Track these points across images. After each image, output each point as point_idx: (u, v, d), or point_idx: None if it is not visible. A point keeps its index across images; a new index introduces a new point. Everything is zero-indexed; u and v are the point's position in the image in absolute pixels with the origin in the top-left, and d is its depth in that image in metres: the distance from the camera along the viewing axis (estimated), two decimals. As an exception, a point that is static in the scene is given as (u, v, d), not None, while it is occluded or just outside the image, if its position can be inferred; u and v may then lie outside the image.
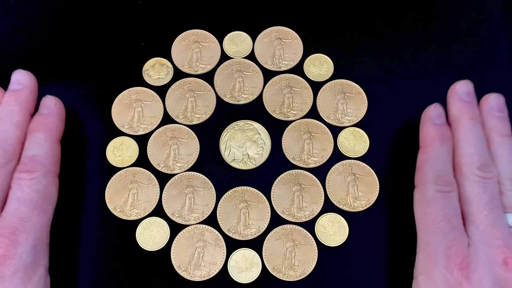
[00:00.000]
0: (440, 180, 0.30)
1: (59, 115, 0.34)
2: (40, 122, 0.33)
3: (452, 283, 0.28)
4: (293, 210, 0.34)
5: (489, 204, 0.30)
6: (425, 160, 0.32)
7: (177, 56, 0.39)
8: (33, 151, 0.32)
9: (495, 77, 0.38)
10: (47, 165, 0.31)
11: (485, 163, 0.31)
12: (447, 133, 0.32)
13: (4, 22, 0.40)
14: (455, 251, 0.28)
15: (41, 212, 0.30)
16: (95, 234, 0.34)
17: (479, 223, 0.29)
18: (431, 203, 0.30)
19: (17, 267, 0.28)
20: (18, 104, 0.33)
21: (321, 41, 0.39)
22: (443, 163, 0.31)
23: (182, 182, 0.35)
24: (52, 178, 0.32)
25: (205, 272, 0.33)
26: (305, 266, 0.33)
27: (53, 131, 0.33)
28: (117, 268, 0.33)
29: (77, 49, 0.39)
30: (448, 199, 0.30)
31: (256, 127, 0.37)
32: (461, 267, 0.28)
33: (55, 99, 0.34)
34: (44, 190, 0.31)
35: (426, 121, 0.33)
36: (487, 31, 0.39)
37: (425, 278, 0.29)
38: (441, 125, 0.33)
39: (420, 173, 0.32)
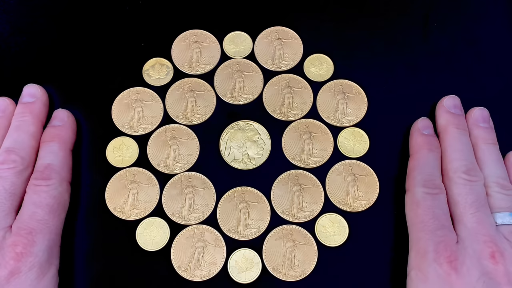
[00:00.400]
0: (429, 184, 0.32)
1: (72, 127, 0.36)
2: (54, 133, 0.35)
3: (442, 275, 0.29)
4: (293, 210, 0.34)
5: (475, 203, 0.31)
6: (414, 166, 0.34)
7: (177, 56, 0.39)
8: (48, 160, 0.33)
9: (495, 77, 0.38)
10: (62, 173, 0.33)
11: (471, 167, 0.33)
12: (434, 142, 0.34)
13: (4, 22, 0.40)
14: (444, 245, 0.30)
15: (56, 216, 0.32)
16: (95, 234, 0.34)
17: (466, 221, 0.31)
18: (420, 204, 0.32)
19: (33, 264, 0.30)
20: (32, 116, 0.35)
21: (321, 41, 0.39)
22: (431, 168, 0.33)
23: (182, 182, 0.35)
24: (66, 185, 0.34)
25: (205, 272, 0.33)
26: (305, 266, 0.33)
27: (67, 142, 0.35)
28: (117, 268, 0.33)
29: (77, 49, 0.39)
30: (436, 200, 0.32)
31: (256, 127, 0.37)
32: (450, 260, 0.30)
33: (68, 112, 0.36)
34: (59, 196, 0.33)
35: (415, 132, 0.35)
36: (487, 31, 0.39)
37: (416, 272, 0.31)
38: (429, 135, 0.35)
39: (410, 178, 0.34)
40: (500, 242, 0.30)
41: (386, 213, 0.34)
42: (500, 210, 0.32)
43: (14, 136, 0.34)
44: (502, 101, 0.37)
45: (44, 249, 0.31)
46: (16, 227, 0.31)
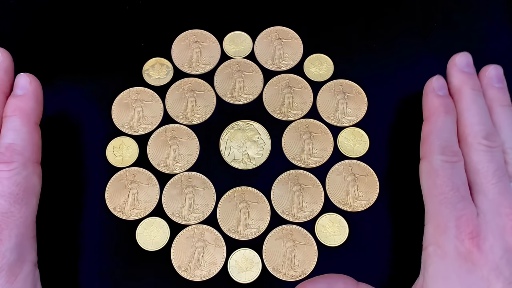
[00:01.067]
0: (447, 151, 0.30)
1: (35, 96, 0.31)
2: (15, 105, 0.30)
3: (463, 253, 0.28)
4: (293, 210, 0.34)
5: (497, 173, 0.29)
6: (431, 130, 0.31)
7: (177, 56, 0.39)
8: (9, 138, 0.29)
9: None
10: (25, 154, 0.29)
11: (491, 132, 0.31)
12: (450, 104, 0.32)
13: (4, 22, 0.40)
14: (465, 220, 0.28)
15: (23, 205, 0.28)
16: (95, 234, 0.34)
17: (487, 192, 0.29)
18: (439, 173, 0.30)
19: (1, 267, 0.26)
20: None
21: (321, 41, 0.39)
22: (448, 133, 0.31)
23: (182, 182, 0.35)
24: (33, 167, 0.30)
25: (205, 272, 0.33)
26: (305, 266, 0.33)
27: (30, 115, 0.30)
28: (117, 268, 0.33)
29: (77, 49, 0.39)
30: (455, 169, 0.30)
31: (256, 127, 0.37)
32: (472, 236, 0.28)
33: (30, 77, 0.31)
34: (25, 182, 0.29)
35: (429, 92, 0.33)
36: (487, 31, 0.39)
37: (435, 248, 0.28)
38: (444, 96, 0.32)
39: (426, 144, 0.31)
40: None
41: (386, 213, 0.34)
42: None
43: None
44: (502, 101, 0.37)
45: (12, 247, 0.27)
46: None
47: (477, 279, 0.27)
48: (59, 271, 0.32)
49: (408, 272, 0.32)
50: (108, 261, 0.33)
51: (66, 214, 0.34)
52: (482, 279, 0.27)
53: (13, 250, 0.27)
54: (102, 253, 0.33)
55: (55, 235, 0.33)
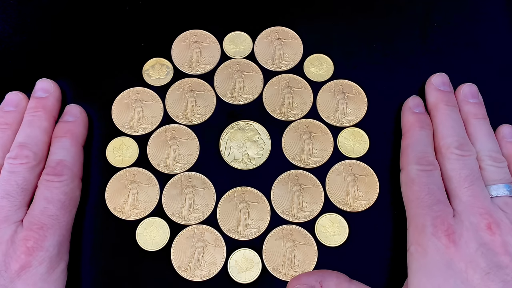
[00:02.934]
0: (422, 161, 0.33)
1: (84, 123, 0.36)
2: (66, 128, 0.35)
3: (441, 248, 0.30)
4: (293, 210, 0.34)
5: (469, 177, 0.32)
6: (407, 144, 0.34)
7: (177, 56, 0.39)
8: (60, 155, 0.33)
9: (495, 77, 0.38)
10: (74, 169, 0.33)
11: (463, 142, 0.33)
12: (425, 120, 0.35)
13: (4, 22, 0.40)
14: (441, 219, 0.31)
15: (67, 212, 0.32)
16: (95, 234, 0.34)
17: (461, 195, 0.32)
18: (415, 181, 0.32)
19: (44, 258, 0.30)
20: (45, 111, 0.35)
21: (321, 41, 0.39)
22: (423, 145, 0.34)
23: (182, 182, 0.35)
24: (78, 182, 0.34)
25: (205, 272, 0.33)
26: (305, 266, 0.33)
27: (79, 138, 0.35)
28: (117, 268, 0.33)
29: (77, 49, 0.39)
30: (431, 177, 0.32)
31: (256, 127, 0.37)
32: (448, 233, 0.30)
33: (80, 108, 0.36)
34: (70, 193, 0.33)
35: (406, 110, 0.36)
36: (487, 31, 0.39)
37: (416, 247, 0.31)
38: (420, 113, 0.35)
39: (404, 156, 0.34)
40: (495, 213, 0.31)
41: (386, 213, 0.34)
42: (494, 183, 0.32)
43: (27, 131, 0.34)
44: (502, 101, 0.37)
45: (55, 244, 0.31)
46: (27, 222, 0.31)
47: (456, 272, 0.29)
48: (59, 271, 0.33)
49: (408, 272, 0.32)
50: (108, 261, 0.33)
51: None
52: (461, 271, 0.29)
53: (55, 246, 0.31)
54: (102, 253, 0.33)
55: (55, 235, 0.33)
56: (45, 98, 0.36)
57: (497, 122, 0.36)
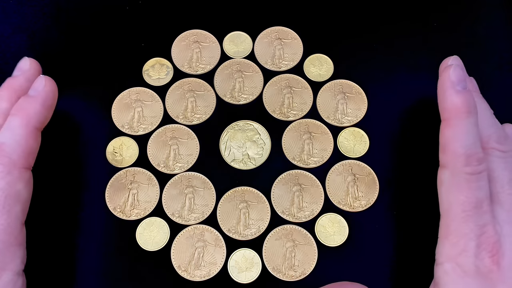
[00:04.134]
0: (473, 160, 0.28)
1: (44, 100, 0.30)
2: (20, 105, 0.29)
3: (483, 271, 0.27)
4: (293, 210, 0.34)
5: (511, 181, 0.28)
6: (453, 136, 0.28)
7: (177, 56, 0.39)
8: (2, 137, 0.28)
9: (495, 77, 0.38)
10: (13, 157, 0.28)
11: (502, 135, 0.29)
12: (472, 101, 0.29)
13: (4, 22, 0.40)
14: (486, 237, 0.27)
15: (4, 212, 0.27)
16: (95, 234, 0.34)
17: (503, 202, 0.28)
18: (463, 188, 0.28)
19: None
20: (8, 91, 0.30)
21: (321, 41, 0.39)
22: (473, 138, 0.28)
23: (182, 182, 0.35)
24: (19, 173, 0.28)
25: (205, 272, 0.33)
26: (305, 266, 0.33)
27: (32, 118, 0.29)
28: (117, 268, 0.33)
29: (77, 49, 0.39)
30: (480, 181, 0.28)
31: (256, 127, 0.37)
32: (492, 254, 0.27)
33: (46, 80, 0.31)
34: (7, 188, 0.27)
35: (448, 88, 0.29)
36: (486, 31, 0.39)
37: (454, 266, 0.27)
38: (465, 91, 0.29)
39: (448, 151, 0.28)
40: None
41: (386, 213, 0.34)
42: None
43: None
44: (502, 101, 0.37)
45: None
46: None
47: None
48: (59, 271, 0.32)
49: (408, 272, 0.32)
50: (108, 261, 0.33)
51: (66, 214, 0.34)
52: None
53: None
54: (102, 253, 0.33)
55: (55, 235, 0.33)
56: (14, 78, 0.31)
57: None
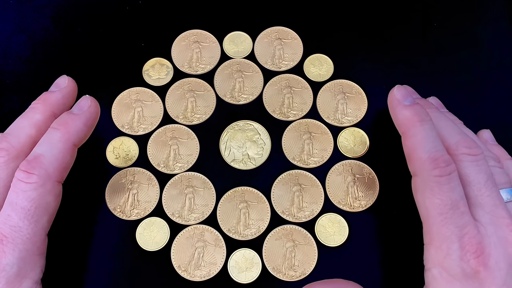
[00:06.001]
0: (439, 162, 0.28)
1: (87, 119, 0.31)
2: (63, 120, 0.30)
3: (469, 273, 0.27)
4: (293, 210, 0.34)
5: (488, 183, 0.29)
6: (413, 145, 0.29)
7: (177, 56, 0.39)
8: (40, 149, 0.29)
9: (495, 77, 0.38)
10: (49, 169, 0.29)
11: (469, 140, 0.30)
12: (422, 111, 0.30)
13: (4, 22, 0.40)
14: (468, 238, 0.27)
15: (32, 222, 0.28)
16: (95, 234, 0.34)
17: (484, 204, 0.28)
18: (435, 191, 0.28)
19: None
20: (43, 104, 0.31)
21: (321, 41, 0.39)
22: (433, 142, 0.29)
23: (182, 182, 0.35)
24: (52, 186, 0.29)
25: (205, 272, 0.33)
26: (305, 266, 0.33)
27: (73, 135, 0.30)
28: (117, 268, 0.33)
29: (77, 49, 0.39)
30: (452, 182, 0.28)
31: (256, 127, 0.37)
32: (477, 255, 0.27)
33: (92, 102, 0.31)
34: (39, 199, 0.28)
35: (396, 105, 0.31)
36: (487, 31, 0.39)
37: (441, 271, 0.28)
38: (413, 104, 0.31)
39: (413, 160, 0.29)
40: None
41: (386, 213, 0.34)
42: (503, 186, 0.29)
43: (17, 122, 0.31)
44: (502, 101, 0.37)
45: (14, 262, 0.27)
46: None
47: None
48: (59, 271, 0.32)
49: (408, 272, 0.32)
50: (108, 261, 0.33)
51: (66, 214, 0.34)
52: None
53: (14, 264, 0.27)
54: (102, 253, 0.33)
55: (54, 235, 0.33)
56: (51, 92, 0.32)
57: (497, 122, 0.36)
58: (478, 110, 0.37)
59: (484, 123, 0.36)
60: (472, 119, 0.35)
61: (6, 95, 0.37)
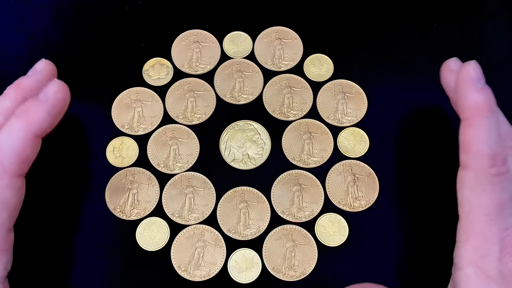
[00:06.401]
0: (498, 160, 0.26)
1: (52, 107, 0.28)
2: (25, 108, 0.28)
3: (507, 276, 0.26)
4: (293, 210, 0.34)
5: None
6: (476, 135, 0.27)
7: (177, 56, 0.39)
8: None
9: (495, 77, 0.38)
10: (5, 163, 0.26)
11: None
12: (493, 98, 0.28)
13: (4, 22, 0.40)
14: (509, 241, 0.26)
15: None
16: (95, 234, 0.34)
17: None
18: (487, 190, 0.26)
19: None
20: (15, 90, 0.29)
21: (321, 41, 0.39)
22: (496, 138, 0.27)
23: (182, 182, 0.35)
24: (9, 181, 0.27)
25: (205, 272, 0.33)
26: (305, 266, 0.33)
27: (35, 124, 0.27)
28: (117, 268, 0.33)
29: (77, 49, 0.39)
30: (504, 182, 0.26)
31: (256, 127, 0.37)
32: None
33: (59, 86, 0.29)
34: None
35: (470, 86, 0.27)
36: (487, 31, 0.39)
37: (476, 271, 0.26)
38: (486, 88, 0.27)
39: (472, 152, 0.27)
40: None
41: (386, 213, 0.34)
42: None
43: None
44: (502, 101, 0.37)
45: None
46: None
47: None
48: (59, 271, 0.32)
49: (408, 272, 0.32)
50: (108, 261, 0.33)
51: (66, 214, 0.34)
52: None
53: None
54: (102, 253, 0.33)
55: (54, 235, 0.33)
56: (25, 77, 0.30)
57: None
58: (478, 110, 0.37)
59: (484, 123, 0.36)
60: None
61: (6, 95, 0.37)
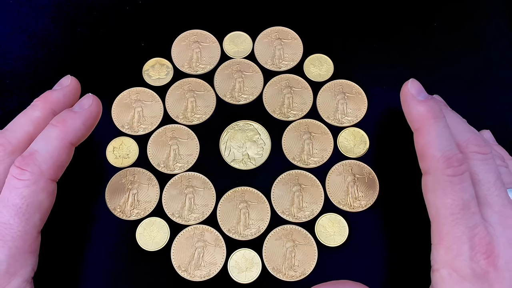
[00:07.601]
0: (452, 161, 0.28)
1: (87, 118, 0.31)
2: (61, 117, 0.30)
3: (479, 274, 0.27)
4: (293, 210, 0.34)
5: (497, 182, 0.29)
6: (427, 142, 0.29)
7: (177, 56, 0.39)
8: (37, 146, 0.29)
9: (495, 77, 0.38)
10: (43, 167, 0.28)
11: (480, 139, 0.30)
12: (436, 106, 0.30)
13: (4, 22, 0.40)
14: (479, 239, 0.27)
15: (24, 220, 0.28)
16: (95, 234, 0.34)
17: (493, 204, 0.28)
18: (448, 191, 0.28)
19: None
20: (43, 102, 0.31)
21: (321, 41, 0.39)
22: (447, 141, 0.28)
23: (182, 182, 0.35)
24: (45, 184, 0.29)
25: (205, 272, 0.33)
26: (305, 266, 0.33)
27: (70, 133, 0.30)
28: (117, 268, 0.33)
29: (77, 49, 0.39)
30: (464, 182, 0.28)
31: (256, 127, 0.37)
32: (487, 256, 0.27)
33: (94, 101, 0.31)
34: (31, 196, 0.28)
35: (410, 101, 0.30)
36: (487, 31, 0.39)
37: (450, 272, 0.27)
38: (427, 100, 0.30)
39: (426, 158, 0.29)
40: None
41: (386, 213, 0.34)
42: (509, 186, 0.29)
43: (17, 118, 0.31)
44: (502, 101, 0.37)
45: (3, 259, 0.27)
46: None
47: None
48: (58, 271, 0.32)
49: (408, 272, 0.32)
50: (108, 261, 0.33)
51: (66, 214, 0.34)
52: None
53: (3, 261, 0.27)
54: (102, 253, 0.33)
55: (54, 235, 0.33)
56: (52, 90, 0.32)
57: (497, 122, 0.36)
58: (478, 110, 0.37)
59: (484, 123, 0.36)
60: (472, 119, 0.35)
61: (6, 95, 0.37)
